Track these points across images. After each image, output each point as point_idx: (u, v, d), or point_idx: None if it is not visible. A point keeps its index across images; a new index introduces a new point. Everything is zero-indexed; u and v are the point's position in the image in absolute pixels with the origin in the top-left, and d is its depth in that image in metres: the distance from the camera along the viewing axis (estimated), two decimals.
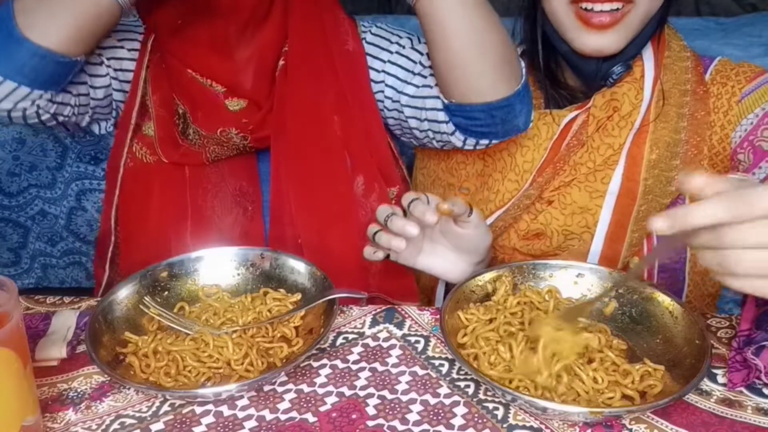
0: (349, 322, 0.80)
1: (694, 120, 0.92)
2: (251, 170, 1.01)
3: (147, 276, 0.81)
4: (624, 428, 0.63)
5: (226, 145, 0.96)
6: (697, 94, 0.93)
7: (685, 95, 0.93)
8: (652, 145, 0.92)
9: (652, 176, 0.91)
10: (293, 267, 0.83)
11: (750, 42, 2.53)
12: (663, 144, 0.92)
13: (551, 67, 0.97)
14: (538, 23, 0.94)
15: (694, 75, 0.94)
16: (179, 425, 0.65)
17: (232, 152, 0.98)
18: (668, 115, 0.92)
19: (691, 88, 0.94)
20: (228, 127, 0.95)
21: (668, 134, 0.92)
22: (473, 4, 0.82)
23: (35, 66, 0.81)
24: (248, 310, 0.79)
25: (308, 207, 0.97)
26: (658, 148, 0.92)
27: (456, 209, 0.78)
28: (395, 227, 0.77)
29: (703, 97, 0.93)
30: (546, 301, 0.78)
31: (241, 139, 0.96)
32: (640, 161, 0.91)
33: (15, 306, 0.58)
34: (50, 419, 0.66)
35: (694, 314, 0.72)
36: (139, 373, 0.71)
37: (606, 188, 0.92)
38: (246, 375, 0.71)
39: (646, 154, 0.92)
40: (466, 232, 0.82)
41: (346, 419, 0.65)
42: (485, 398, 0.67)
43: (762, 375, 0.66)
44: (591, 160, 0.93)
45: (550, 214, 0.94)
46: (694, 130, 0.92)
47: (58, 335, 0.78)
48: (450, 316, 0.74)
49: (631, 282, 0.77)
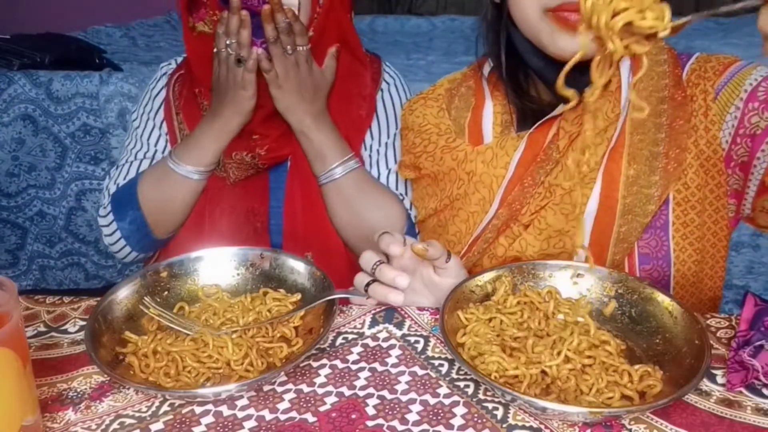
0: (348, 322, 0.80)
1: (673, 130, 0.87)
2: (263, 191, 1.10)
3: (147, 276, 0.81)
4: (623, 428, 0.63)
5: (242, 166, 1.07)
6: (675, 101, 0.88)
7: (662, 103, 0.88)
8: (629, 159, 0.86)
9: (630, 194, 0.86)
10: (293, 267, 0.83)
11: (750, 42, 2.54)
12: (641, 158, 0.86)
13: (519, 81, 0.92)
14: (503, 36, 0.90)
15: (672, 78, 0.88)
16: (179, 425, 0.65)
17: (249, 172, 1.08)
18: (645, 126, 0.87)
19: (669, 94, 0.88)
20: (240, 151, 1.05)
21: (646, 147, 0.86)
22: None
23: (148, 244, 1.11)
24: (248, 311, 0.79)
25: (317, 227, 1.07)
26: (636, 163, 0.86)
27: (431, 251, 0.79)
28: (385, 279, 0.78)
29: (681, 103, 0.87)
30: (546, 302, 0.78)
31: (252, 159, 1.06)
32: (618, 177, 0.86)
33: (15, 306, 0.58)
34: (50, 419, 0.66)
35: (693, 314, 0.72)
36: (138, 373, 0.71)
37: (582, 209, 0.87)
38: (246, 375, 0.71)
39: (624, 170, 0.86)
40: (447, 282, 0.82)
41: (345, 419, 0.65)
42: (485, 398, 0.67)
43: (761, 375, 0.66)
44: (567, 180, 0.87)
45: (525, 240, 0.90)
46: (674, 141, 0.86)
47: None
48: (450, 316, 0.74)
49: None
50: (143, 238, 1.09)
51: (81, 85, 2.10)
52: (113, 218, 1.09)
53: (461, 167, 0.94)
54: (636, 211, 0.86)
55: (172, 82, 1.15)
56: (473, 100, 0.98)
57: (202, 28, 1.06)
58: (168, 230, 1.10)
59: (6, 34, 2.42)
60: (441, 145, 0.97)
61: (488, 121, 0.95)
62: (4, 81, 2.12)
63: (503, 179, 0.91)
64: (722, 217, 0.89)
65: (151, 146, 1.14)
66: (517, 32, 0.87)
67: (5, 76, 2.13)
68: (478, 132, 0.95)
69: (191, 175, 1.05)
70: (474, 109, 0.97)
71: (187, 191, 1.07)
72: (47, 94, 2.12)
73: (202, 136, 1.05)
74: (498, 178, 0.91)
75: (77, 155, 2.18)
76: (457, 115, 0.98)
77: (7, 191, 2.23)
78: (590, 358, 0.69)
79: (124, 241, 1.09)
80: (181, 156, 1.05)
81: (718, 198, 0.88)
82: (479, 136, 0.95)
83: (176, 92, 1.15)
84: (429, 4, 3.64)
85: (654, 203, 0.86)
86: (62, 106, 2.12)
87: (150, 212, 1.07)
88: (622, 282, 0.78)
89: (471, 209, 0.93)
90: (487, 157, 0.92)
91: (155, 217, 1.08)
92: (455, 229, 0.94)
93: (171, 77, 1.16)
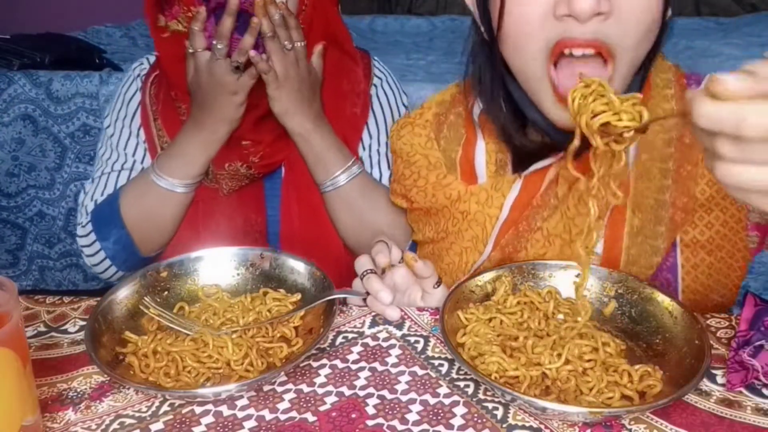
0: (348, 321, 0.80)
1: (680, 176, 0.81)
2: (258, 200, 1.05)
3: (147, 276, 0.81)
4: (623, 428, 0.63)
5: (235, 176, 1.01)
6: (683, 143, 0.81)
7: (669, 145, 0.81)
8: (633, 208, 0.81)
9: (635, 245, 0.82)
10: (293, 267, 0.83)
11: (750, 42, 2.54)
12: (646, 207, 0.81)
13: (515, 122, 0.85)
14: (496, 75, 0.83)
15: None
16: (179, 425, 0.65)
17: (243, 182, 1.03)
18: (650, 172, 0.81)
19: (677, 134, 0.82)
20: (234, 161, 1.00)
21: (651, 195, 0.81)
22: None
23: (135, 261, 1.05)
24: (248, 311, 0.79)
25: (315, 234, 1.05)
26: (641, 212, 0.81)
27: (420, 265, 0.80)
28: (371, 290, 0.79)
29: (689, 146, 0.81)
30: (546, 302, 0.78)
31: (246, 169, 1.01)
32: (622, 227, 0.82)
33: (15, 306, 0.58)
34: (50, 419, 0.66)
35: (693, 314, 0.72)
36: (138, 373, 0.71)
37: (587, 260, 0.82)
38: (246, 375, 0.71)
39: (628, 219, 0.82)
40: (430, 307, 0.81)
41: (345, 419, 0.65)
42: (485, 398, 0.67)
43: (761, 375, 0.66)
44: (566, 231, 0.83)
45: None
46: (681, 189, 0.81)
47: None
48: (449, 316, 0.74)
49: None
50: (130, 257, 1.03)
51: (81, 85, 2.10)
52: (95, 238, 1.02)
53: (454, 206, 0.91)
54: (641, 262, 0.82)
55: (147, 84, 1.08)
56: (463, 132, 0.93)
57: (175, 27, 0.98)
58: (156, 247, 1.04)
59: (6, 34, 2.42)
60: (432, 181, 0.93)
61: (481, 159, 0.90)
62: (4, 81, 2.12)
63: (497, 220, 0.87)
64: (739, 250, 0.84)
65: (129, 156, 1.06)
66: (513, 82, 0.81)
67: (5, 76, 2.13)
68: (470, 170, 0.91)
69: (177, 188, 0.99)
70: (465, 145, 0.92)
71: (174, 205, 1.00)
72: (47, 94, 2.12)
73: (187, 146, 0.98)
74: (492, 218, 0.87)
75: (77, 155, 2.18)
76: (447, 147, 0.93)
77: (7, 191, 2.22)
78: (591, 361, 0.69)
79: (110, 261, 1.03)
80: (165, 168, 0.98)
81: (736, 233, 0.83)
82: (472, 174, 0.91)
83: (153, 96, 1.06)
84: (429, 4, 3.63)
85: (660, 255, 0.82)
86: (62, 106, 2.12)
87: (135, 230, 1.01)
88: (622, 282, 0.78)
89: (464, 244, 0.90)
90: (481, 198, 0.88)
91: (141, 235, 1.01)
92: (449, 260, 0.92)
93: (146, 79, 1.08)
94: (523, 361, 0.70)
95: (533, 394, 0.67)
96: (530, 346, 0.71)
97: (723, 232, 0.82)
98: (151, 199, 1.00)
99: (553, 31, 0.73)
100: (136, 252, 1.03)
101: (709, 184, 0.81)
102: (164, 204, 1.00)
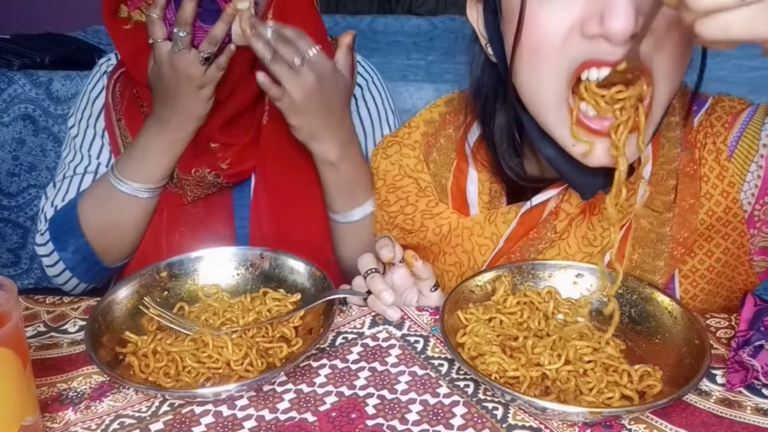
0: (348, 321, 0.80)
1: (682, 210, 0.78)
2: (227, 211, 0.97)
3: (146, 276, 0.81)
4: (623, 428, 0.63)
5: (202, 184, 0.94)
6: (686, 174, 0.78)
7: (672, 177, 0.78)
8: (634, 243, 0.79)
9: None
10: (293, 267, 0.83)
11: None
12: (647, 242, 0.79)
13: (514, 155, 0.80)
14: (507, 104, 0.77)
15: (684, 146, 0.78)
16: (179, 425, 0.65)
17: (210, 190, 0.95)
18: (654, 206, 0.79)
19: (680, 165, 0.78)
20: (202, 167, 0.92)
21: (654, 229, 0.79)
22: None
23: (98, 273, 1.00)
24: (248, 311, 0.79)
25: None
26: (641, 247, 0.79)
27: (419, 265, 0.79)
28: (374, 289, 0.78)
29: (693, 178, 0.78)
30: (546, 302, 0.78)
31: (215, 177, 0.93)
32: (621, 261, 0.79)
33: (15, 306, 0.58)
34: (50, 419, 0.66)
35: (693, 314, 0.72)
36: (138, 373, 0.71)
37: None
38: (246, 375, 0.71)
39: (627, 254, 0.80)
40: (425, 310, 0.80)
41: (345, 419, 0.65)
42: (485, 398, 0.67)
43: (760, 375, 0.66)
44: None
45: None
46: (682, 223, 0.78)
47: None
48: (449, 316, 0.74)
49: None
50: (91, 268, 0.96)
51: (81, 85, 2.09)
52: (53, 247, 0.95)
53: (445, 241, 0.87)
54: None
55: (112, 82, 0.99)
56: (454, 157, 0.88)
57: (138, 18, 0.89)
58: (120, 257, 0.97)
59: (6, 34, 2.42)
60: (421, 208, 0.88)
61: (473, 189, 0.86)
62: (4, 81, 2.12)
63: (490, 251, 0.85)
64: (741, 275, 0.81)
65: (93, 158, 0.98)
66: (524, 112, 0.74)
67: (5, 76, 2.13)
68: (462, 198, 0.87)
69: (139, 193, 0.91)
70: (456, 172, 0.87)
71: (137, 212, 0.93)
72: (47, 94, 2.12)
73: (148, 147, 0.90)
74: (481, 247, 0.85)
75: None
76: (437, 172, 0.88)
77: (8, 191, 2.23)
78: (591, 363, 0.69)
79: (70, 272, 0.96)
80: (126, 171, 0.91)
81: (738, 258, 0.80)
82: (464, 203, 0.87)
83: (117, 94, 0.98)
84: (429, 4, 3.62)
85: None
86: (62, 106, 2.12)
87: (95, 239, 0.93)
88: (621, 282, 0.78)
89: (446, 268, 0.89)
90: (474, 231, 0.86)
91: (103, 244, 0.94)
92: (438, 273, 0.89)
93: (111, 76, 1.00)
94: (523, 361, 0.70)
95: (533, 394, 0.67)
96: (530, 347, 0.71)
97: (724, 259, 0.80)
98: (112, 205, 0.92)
99: (578, 51, 0.66)
100: (99, 262, 0.96)
101: (708, 213, 0.78)
102: (126, 210, 0.92)
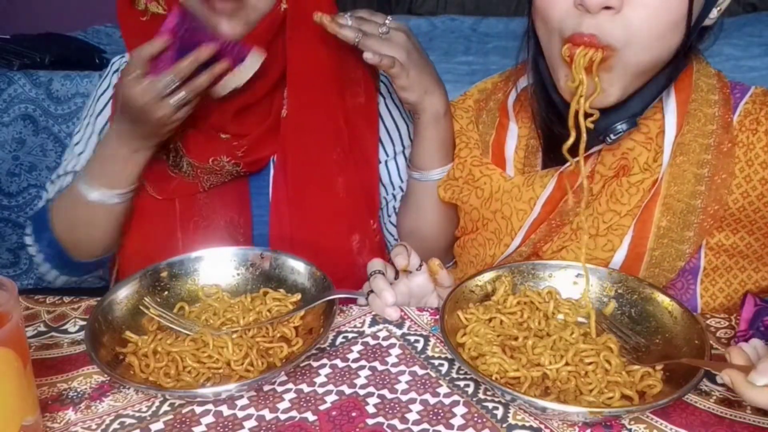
0: (348, 321, 0.80)
1: (713, 183, 0.79)
2: (243, 199, 0.98)
3: (147, 276, 0.81)
4: (623, 428, 0.63)
5: (219, 173, 0.94)
6: (721, 151, 0.80)
7: (706, 152, 0.80)
8: (663, 210, 0.80)
9: (660, 246, 0.80)
10: (293, 267, 0.83)
11: (750, 42, 2.54)
12: (676, 210, 0.80)
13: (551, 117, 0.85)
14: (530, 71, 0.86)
15: (720, 124, 0.80)
16: (179, 425, 0.65)
17: (226, 178, 0.96)
18: (684, 176, 0.80)
19: (715, 141, 0.80)
20: (220, 156, 0.93)
21: (683, 199, 0.80)
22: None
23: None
24: (248, 311, 0.79)
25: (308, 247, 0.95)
26: (669, 215, 0.80)
27: (443, 274, 0.82)
28: (375, 289, 0.79)
29: (727, 154, 0.79)
30: (546, 302, 0.78)
31: (233, 166, 0.94)
32: (649, 227, 0.80)
33: (15, 306, 0.58)
34: (50, 419, 0.66)
35: (693, 314, 0.72)
36: (138, 373, 0.71)
37: (609, 256, 0.82)
38: (246, 375, 0.71)
39: (656, 220, 0.80)
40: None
41: (345, 418, 0.65)
42: (485, 398, 0.67)
43: None
44: (593, 226, 0.83)
45: None
46: (713, 196, 0.79)
47: None
48: (449, 316, 0.74)
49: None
50: (67, 262, 0.96)
51: (81, 85, 2.10)
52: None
53: (485, 206, 0.91)
54: (664, 265, 0.81)
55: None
56: (497, 115, 0.94)
57: (155, 10, 0.88)
58: (90, 256, 0.96)
59: (6, 34, 2.42)
60: (470, 157, 0.94)
61: (512, 144, 0.92)
62: (4, 81, 2.12)
63: (527, 216, 0.86)
64: (764, 263, 0.83)
65: (82, 159, 0.99)
66: (542, 58, 0.82)
67: (5, 76, 2.13)
68: (501, 154, 0.92)
69: (109, 199, 0.89)
70: (498, 128, 0.94)
71: (106, 216, 0.91)
72: (47, 94, 2.12)
73: (116, 157, 0.89)
74: (519, 213, 0.87)
75: None
76: (484, 131, 0.95)
77: (8, 191, 2.23)
78: (592, 364, 0.69)
79: (48, 264, 0.97)
80: (94, 177, 0.89)
81: (763, 246, 0.82)
82: (502, 159, 0.92)
83: None
84: (429, 4, 3.62)
85: (684, 260, 0.81)
86: (62, 106, 2.12)
87: (63, 238, 0.94)
88: (622, 282, 0.78)
89: (487, 236, 0.91)
90: (513, 195, 0.88)
91: (70, 244, 0.94)
92: (474, 252, 0.93)
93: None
94: (524, 361, 0.70)
95: (533, 394, 0.67)
96: (530, 347, 0.71)
97: (748, 240, 0.81)
98: (81, 210, 0.91)
99: (570, 21, 0.74)
100: (72, 257, 0.96)
101: (743, 194, 0.79)
102: (94, 215, 0.91)
